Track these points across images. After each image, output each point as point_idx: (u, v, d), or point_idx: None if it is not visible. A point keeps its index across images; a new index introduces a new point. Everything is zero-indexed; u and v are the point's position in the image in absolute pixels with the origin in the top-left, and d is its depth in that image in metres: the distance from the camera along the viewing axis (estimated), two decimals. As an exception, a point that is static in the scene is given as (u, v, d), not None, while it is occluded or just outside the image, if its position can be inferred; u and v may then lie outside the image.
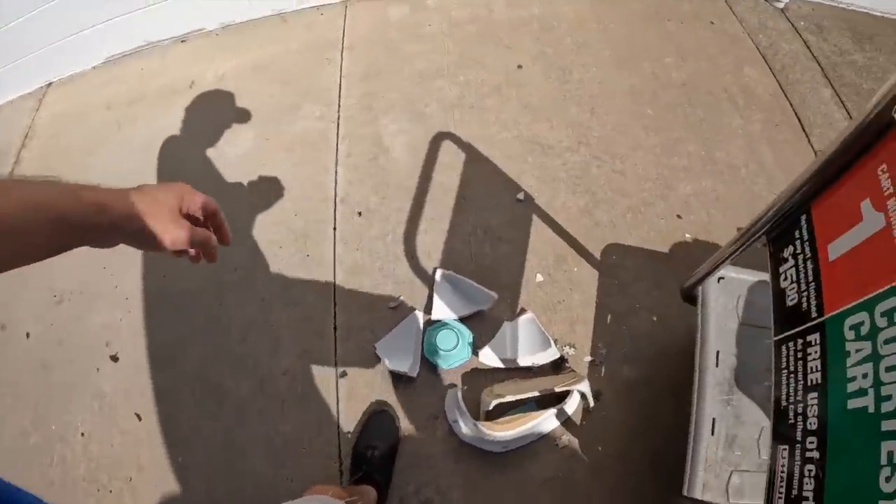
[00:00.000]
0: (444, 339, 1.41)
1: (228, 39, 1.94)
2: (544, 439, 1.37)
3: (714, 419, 1.19)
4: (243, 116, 1.76)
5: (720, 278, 1.32)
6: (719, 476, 1.15)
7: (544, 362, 1.44)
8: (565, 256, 1.59)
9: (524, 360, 1.43)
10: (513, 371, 1.44)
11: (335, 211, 1.60)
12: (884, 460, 0.65)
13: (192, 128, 1.77)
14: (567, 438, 1.39)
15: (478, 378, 1.43)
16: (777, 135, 1.87)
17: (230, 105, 1.80)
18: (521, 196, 1.65)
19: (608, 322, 1.54)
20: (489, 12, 2.01)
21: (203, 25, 1.95)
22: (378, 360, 1.43)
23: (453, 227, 1.60)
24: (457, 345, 1.40)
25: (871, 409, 0.70)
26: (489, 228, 1.60)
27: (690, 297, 1.35)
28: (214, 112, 1.78)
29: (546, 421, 1.38)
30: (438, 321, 1.46)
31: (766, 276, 1.29)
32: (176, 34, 1.94)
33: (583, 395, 1.41)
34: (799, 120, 1.89)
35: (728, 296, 1.30)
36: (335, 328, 1.47)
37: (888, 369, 0.69)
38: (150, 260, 1.59)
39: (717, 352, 1.24)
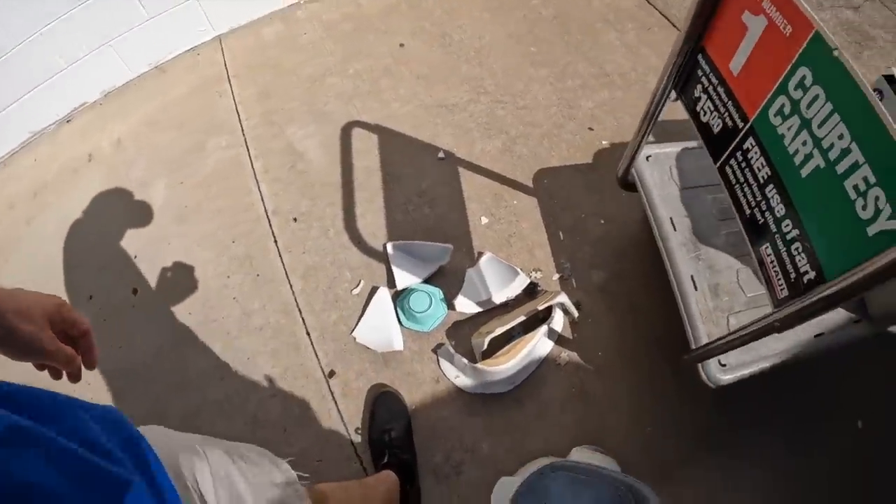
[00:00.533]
0: (416, 303, 1.35)
1: (113, 105, 1.83)
2: (546, 364, 1.35)
3: (692, 276, 1.21)
4: (151, 171, 1.66)
5: (648, 157, 1.34)
6: (718, 324, 1.16)
7: (517, 292, 1.42)
8: (501, 194, 1.58)
9: (499, 297, 1.40)
10: (492, 311, 1.40)
11: (270, 224, 1.52)
12: (852, 195, 0.70)
13: (102, 199, 1.64)
14: (566, 355, 1.36)
15: (462, 329, 1.39)
16: (652, 37, 1.95)
17: (134, 165, 1.69)
18: (441, 155, 1.63)
19: (562, 239, 1.53)
20: (358, 7, 2.00)
21: (85, 99, 1.84)
22: (362, 348, 1.35)
23: (388, 202, 1.55)
24: (430, 304, 1.35)
25: (823, 165, 0.74)
26: (422, 192, 1.57)
27: (628, 184, 1.37)
28: (120, 176, 1.66)
29: (540, 343, 1.35)
30: (405, 289, 1.40)
31: (686, 144, 1.34)
32: (59, 116, 1.81)
33: (565, 310, 1.39)
34: (667, 19, 1.98)
35: (660, 169, 1.33)
36: (308, 334, 1.39)
37: (819, 125, 0.74)
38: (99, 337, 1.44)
39: (670, 218, 1.26)
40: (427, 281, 1.44)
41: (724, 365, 1.15)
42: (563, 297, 1.37)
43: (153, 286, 1.52)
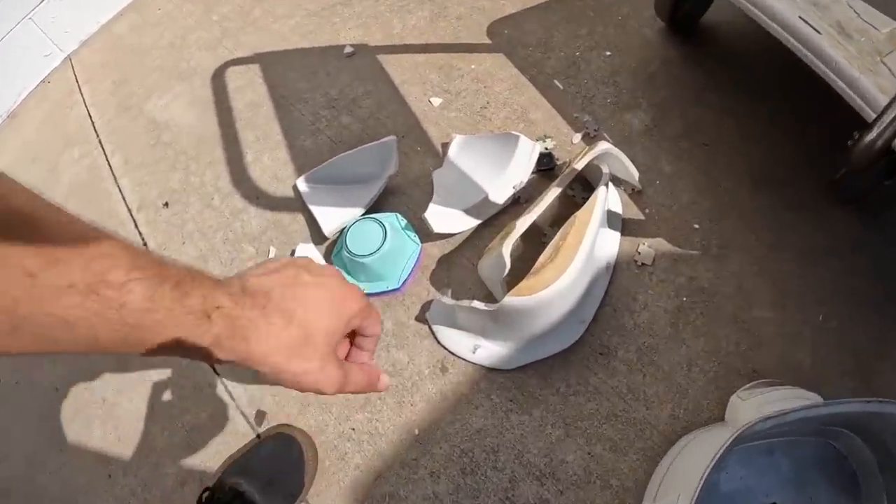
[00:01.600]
0: (359, 243, 0.73)
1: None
2: (620, 273, 0.68)
3: (800, 16, 0.53)
4: None
5: None
6: (878, 71, 0.48)
7: (527, 173, 0.77)
8: (450, 65, 0.98)
9: (499, 190, 0.76)
10: (495, 219, 0.74)
11: (136, 224, 0.92)
12: None
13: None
14: (647, 247, 0.72)
15: (455, 265, 0.75)
16: None
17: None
18: (349, 50, 1.03)
19: (561, 88, 0.89)
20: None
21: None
22: None
23: (287, 130, 0.97)
24: (384, 239, 0.70)
25: None
26: (333, 101, 0.97)
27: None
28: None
29: (602, 237, 0.68)
30: (340, 233, 0.76)
31: None
32: None
33: (616, 180, 0.73)
34: None
35: None
36: (212, 365, 0.73)
37: None
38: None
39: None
40: (371, 212, 0.80)
41: None
42: (605, 147, 0.72)
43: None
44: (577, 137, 0.90)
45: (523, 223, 0.71)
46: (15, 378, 0.96)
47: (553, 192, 0.74)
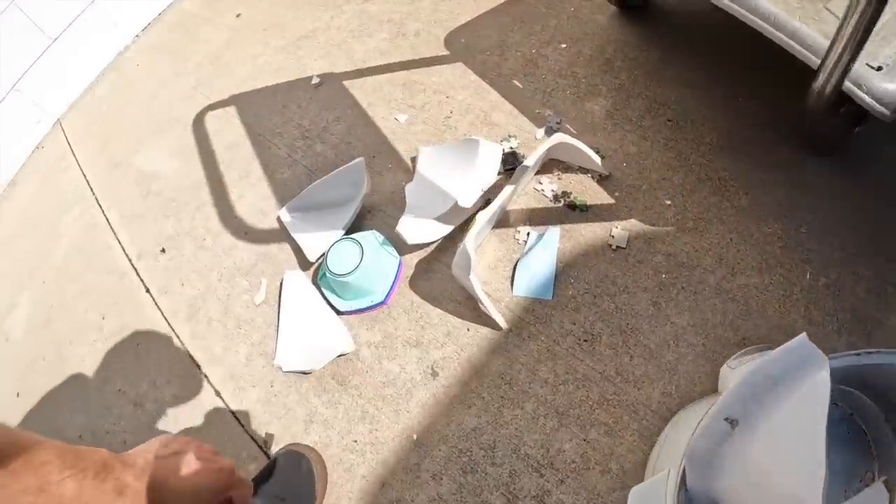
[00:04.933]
0: (339, 262, 0.76)
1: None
2: (595, 256, 0.72)
3: None
4: (12, 294, 1.15)
5: None
6: (821, 18, 0.53)
7: (494, 173, 0.80)
8: (412, 81, 1.01)
9: (467, 195, 0.80)
10: (468, 223, 0.78)
11: (137, 273, 0.97)
12: None
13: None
14: (619, 229, 0.77)
15: (435, 275, 0.79)
16: None
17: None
18: (315, 80, 1.07)
19: (521, 87, 0.92)
20: (181, 12, 1.52)
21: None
22: (298, 379, 0.74)
23: (266, 166, 1.01)
24: (361, 256, 0.73)
25: None
26: (306, 131, 1.01)
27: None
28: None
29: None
30: (321, 258, 0.80)
31: None
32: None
33: (581, 169, 0.77)
34: None
35: None
36: (219, 395, 0.79)
37: None
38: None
39: None
40: (350, 232, 0.83)
41: (878, 68, 0.58)
42: (556, 139, 0.75)
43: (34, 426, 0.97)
44: (541, 133, 0.92)
45: (483, 216, 0.73)
46: (38, 426, 1.01)
47: (509, 189, 0.77)
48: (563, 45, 1.00)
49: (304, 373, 0.79)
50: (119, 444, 0.90)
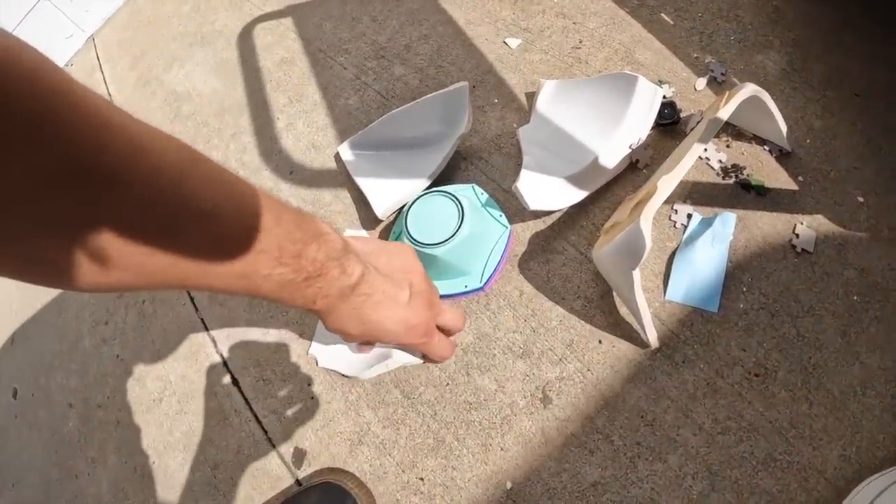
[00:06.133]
0: (426, 228, 0.51)
1: None
2: (776, 265, 0.50)
3: None
4: None
5: None
6: None
7: (649, 124, 0.52)
8: None
9: (612, 152, 0.53)
10: (604, 190, 0.53)
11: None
12: None
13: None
14: (804, 226, 0.50)
15: (554, 258, 0.57)
16: None
17: None
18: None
19: (672, 25, 0.67)
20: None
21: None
22: (346, 385, 0.53)
23: (327, 88, 0.78)
24: (460, 220, 0.49)
25: None
26: (382, 49, 0.77)
27: None
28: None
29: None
30: (398, 214, 0.57)
31: None
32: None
33: (759, 140, 0.50)
34: None
35: None
36: (237, 383, 0.57)
37: None
38: None
39: None
40: (438, 184, 0.59)
41: None
42: (753, 89, 0.49)
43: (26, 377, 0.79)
44: (702, 83, 0.65)
45: (666, 185, 0.48)
46: (31, 391, 0.83)
47: (697, 149, 0.51)
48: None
49: (346, 376, 0.57)
50: (112, 423, 0.70)
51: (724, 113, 0.53)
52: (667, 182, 0.48)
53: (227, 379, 0.65)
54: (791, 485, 0.47)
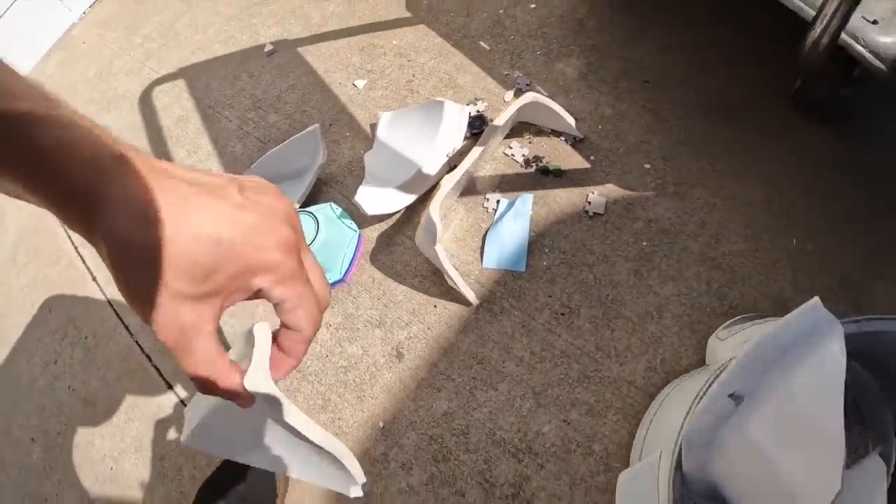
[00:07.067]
0: None
1: None
2: (571, 227, 0.65)
3: None
4: None
5: None
6: None
7: (461, 137, 0.73)
8: (372, 45, 0.92)
9: (431, 162, 0.74)
10: (432, 191, 0.72)
11: (83, 261, 0.87)
12: None
13: None
14: (596, 195, 0.69)
15: (396, 249, 0.72)
16: None
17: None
18: (268, 48, 0.97)
19: (488, 49, 0.83)
20: None
21: None
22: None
23: (216, 139, 0.96)
24: (317, 230, 0.66)
25: None
26: (258, 102, 0.93)
27: None
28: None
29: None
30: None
31: None
32: None
33: (555, 133, 0.70)
34: None
35: None
36: (171, 388, 0.73)
37: None
38: None
39: None
40: (307, 204, 0.76)
41: (874, 21, 0.50)
42: (529, 98, 0.68)
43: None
44: (510, 95, 0.85)
45: (448, 180, 0.66)
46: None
47: (477, 150, 0.70)
48: (533, 6, 0.92)
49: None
50: (69, 447, 0.83)
51: (500, 120, 0.71)
52: (448, 179, 0.66)
53: (162, 385, 0.79)
54: (606, 395, 0.64)
